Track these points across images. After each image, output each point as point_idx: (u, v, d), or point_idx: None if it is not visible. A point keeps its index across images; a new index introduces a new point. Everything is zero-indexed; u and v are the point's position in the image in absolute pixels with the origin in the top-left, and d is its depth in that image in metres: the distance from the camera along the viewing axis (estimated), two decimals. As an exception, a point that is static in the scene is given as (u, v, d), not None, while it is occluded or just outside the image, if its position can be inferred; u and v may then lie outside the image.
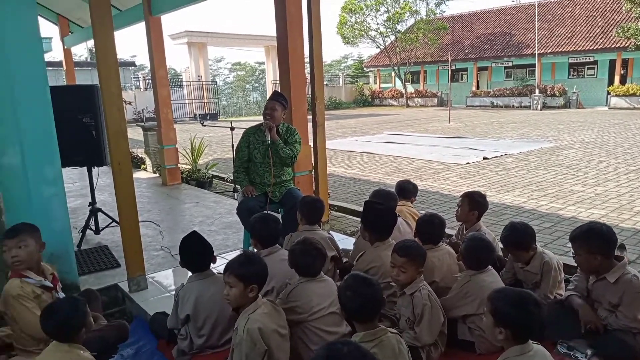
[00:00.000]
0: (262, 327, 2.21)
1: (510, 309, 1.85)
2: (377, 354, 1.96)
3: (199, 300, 2.66)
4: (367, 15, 30.58)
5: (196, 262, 2.76)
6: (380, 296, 2.11)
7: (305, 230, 3.26)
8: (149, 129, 8.68)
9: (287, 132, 4.11)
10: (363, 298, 2.04)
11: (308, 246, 2.59)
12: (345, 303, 2.11)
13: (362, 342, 2.00)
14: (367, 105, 34.41)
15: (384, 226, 2.96)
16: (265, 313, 2.30)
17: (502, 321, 1.86)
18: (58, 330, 2.11)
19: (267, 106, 4.03)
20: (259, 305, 2.32)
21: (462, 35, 32.30)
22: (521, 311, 1.83)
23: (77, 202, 6.43)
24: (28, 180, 3.21)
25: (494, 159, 9.95)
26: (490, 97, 28.17)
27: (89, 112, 4.54)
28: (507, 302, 1.87)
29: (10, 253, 2.57)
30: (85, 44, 11.74)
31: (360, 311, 2.07)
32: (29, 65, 3.15)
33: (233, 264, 2.34)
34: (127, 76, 28.48)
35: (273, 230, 2.98)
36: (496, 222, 5.41)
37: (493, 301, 1.92)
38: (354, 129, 18.13)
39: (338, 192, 7.47)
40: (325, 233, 3.42)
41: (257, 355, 2.19)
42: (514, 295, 1.91)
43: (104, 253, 4.40)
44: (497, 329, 1.88)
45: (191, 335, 2.70)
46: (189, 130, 12.63)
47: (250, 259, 2.37)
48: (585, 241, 2.52)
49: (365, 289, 2.06)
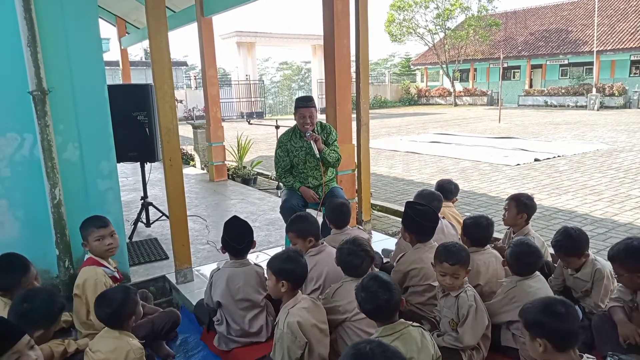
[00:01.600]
0: (301, 321, 2.27)
1: (540, 316, 1.82)
2: (398, 347, 1.96)
3: (228, 287, 2.76)
4: (415, 12, 30.12)
5: (234, 245, 2.85)
6: (398, 299, 2.09)
7: (336, 234, 3.27)
8: (198, 126, 8.96)
9: (324, 132, 4.05)
10: (379, 301, 2.05)
11: (357, 247, 2.58)
12: (360, 302, 2.13)
13: (380, 336, 2.02)
14: (413, 104, 33.89)
15: (425, 227, 2.91)
16: (304, 308, 2.35)
17: (536, 332, 1.83)
18: (110, 317, 2.23)
19: (303, 114, 3.88)
20: (299, 300, 2.38)
21: (515, 31, 31.19)
22: (551, 316, 1.80)
23: (130, 195, 6.73)
24: (85, 175, 3.40)
25: (546, 160, 9.56)
26: (543, 96, 27.06)
27: (143, 110, 4.74)
28: (536, 311, 1.85)
29: (106, 240, 2.81)
30: (141, 44, 12.23)
31: (376, 312, 2.09)
32: (89, 65, 3.33)
33: (274, 256, 2.49)
34: (179, 75, 29.49)
35: (314, 227, 3.02)
36: (546, 227, 5.21)
37: (524, 314, 1.90)
38: (398, 128, 17.92)
39: (380, 192, 7.43)
40: (356, 232, 3.40)
41: (298, 347, 2.25)
42: (541, 302, 1.89)
43: (153, 245, 4.59)
44: (535, 342, 1.84)
45: (226, 318, 2.80)
46: (235, 128, 12.92)
47: (289, 257, 2.43)
48: (624, 261, 2.41)
49: (383, 293, 2.05)
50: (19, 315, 2.18)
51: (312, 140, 3.86)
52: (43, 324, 2.24)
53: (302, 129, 3.94)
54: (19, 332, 1.81)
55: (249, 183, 7.81)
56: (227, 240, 2.88)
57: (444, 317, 2.56)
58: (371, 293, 2.07)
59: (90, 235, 2.81)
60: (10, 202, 3.21)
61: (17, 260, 2.60)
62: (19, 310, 2.19)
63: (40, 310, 2.21)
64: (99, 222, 2.86)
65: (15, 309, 2.21)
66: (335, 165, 4.01)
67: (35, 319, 2.19)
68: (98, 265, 2.81)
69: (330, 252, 2.90)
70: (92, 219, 2.90)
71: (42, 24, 3.07)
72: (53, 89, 3.13)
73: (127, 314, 2.26)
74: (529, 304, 1.94)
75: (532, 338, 1.85)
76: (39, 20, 3.05)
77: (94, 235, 2.81)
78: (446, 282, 2.49)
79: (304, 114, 3.89)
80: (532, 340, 1.85)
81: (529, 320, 1.86)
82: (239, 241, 2.85)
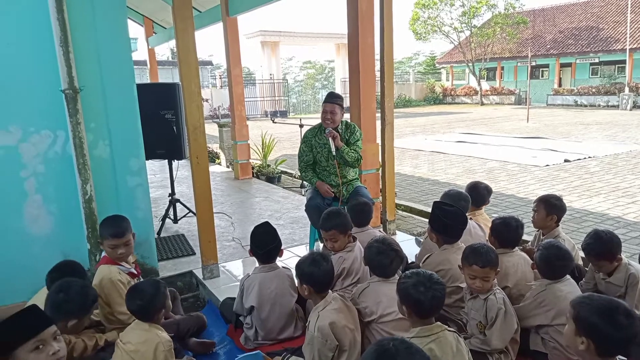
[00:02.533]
0: (334, 322, 2.25)
1: (596, 318, 1.67)
2: (434, 350, 1.94)
3: (262, 292, 2.77)
4: (441, 10, 29.74)
5: (264, 252, 2.86)
6: (443, 299, 2.07)
7: (357, 232, 3.25)
8: (223, 125, 9.06)
9: (347, 131, 4.05)
10: (431, 294, 2.00)
11: (386, 246, 2.56)
12: (403, 296, 2.06)
13: (417, 337, 1.99)
14: (438, 103, 33.49)
15: (453, 229, 2.86)
16: (335, 309, 2.34)
17: (585, 330, 1.69)
18: (141, 309, 2.28)
19: (325, 109, 3.92)
20: (329, 301, 2.37)
21: (544, 29, 30.48)
22: (609, 322, 1.64)
23: (158, 192, 6.85)
24: (115, 171, 3.48)
25: (576, 161, 9.31)
26: (573, 95, 26.36)
27: (170, 108, 4.82)
28: (593, 310, 1.69)
29: (118, 249, 2.82)
30: (168, 43, 12.45)
31: (418, 308, 2.03)
32: (119, 64, 3.40)
33: (300, 259, 2.49)
34: (205, 75, 29.86)
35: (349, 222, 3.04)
36: (577, 229, 5.07)
37: (577, 307, 1.74)
38: (423, 127, 17.74)
39: (405, 192, 7.36)
40: (377, 232, 3.39)
41: (329, 350, 2.23)
42: (602, 302, 1.71)
43: (181, 241, 4.66)
44: (579, 338, 1.71)
45: (256, 325, 2.81)
46: (260, 127, 13.03)
47: (313, 260, 2.42)
48: None
49: (433, 284, 2.03)
50: (54, 304, 2.25)
51: (330, 137, 3.87)
52: (77, 314, 2.31)
53: (324, 124, 3.97)
54: (47, 321, 1.86)
55: (273, 181, 7.86)
56: (255, 248, 2.88)
57: (471, 320, 2.52)
58: (425, 286, 2.01)
59: (106, 240, 2.84)
60: (44, 197, 3.31)
61: (77, 269, 2.69)
62: (55, 300, 2.26)
63: (75, 300, 2.28)
64: (115, 230, 2.83)
65: (52, 298, 2.28)
66: (354, 165, 3.99)
67: (69, 309, 2.26)
68: (112, 263, 2.85)
69: (360, 248, 2.92)
70: (110, 223, 2.88)
71: (74, 25, 3.16)
72: (84, 88, 3.21)
73: (157, 307, 2.31)
74: (585, 298, 1.77)
75: (577, 333, 1.71)
76: (71, 21, 3.13)
77: (108, 242, 2.83)
78: (476, 285, 2.44)
79: (326, 109, 3.94)
80: (575, 334, 1.72)
81: (582, 317, 1.70)
82: (267, 246, 2.86)
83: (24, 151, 3.21)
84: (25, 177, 3.24)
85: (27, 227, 3.29)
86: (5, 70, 3.10)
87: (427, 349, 1.94)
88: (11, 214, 3.24)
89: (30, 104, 3.19)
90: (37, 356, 1.78)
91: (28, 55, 3.15)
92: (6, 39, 3.08)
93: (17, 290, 3.13)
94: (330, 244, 3.03)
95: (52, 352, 1.81)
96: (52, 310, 2.23)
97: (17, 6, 3.09)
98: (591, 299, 1.75)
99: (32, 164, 3.25)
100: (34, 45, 3.14)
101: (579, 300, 1.77)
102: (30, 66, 3.17)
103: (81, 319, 2.35)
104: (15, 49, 3.11)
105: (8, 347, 1.75)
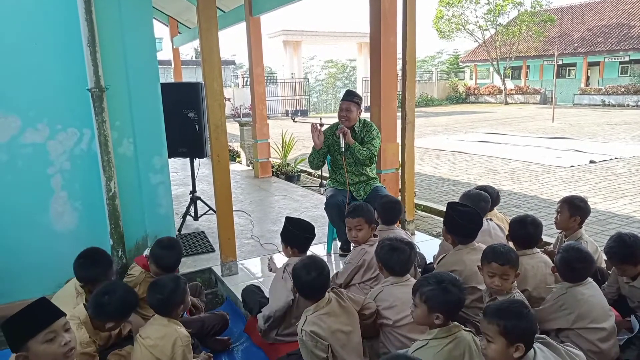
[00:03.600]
0: (315, 330, 2.23)
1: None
2: (452, 350, 1.93)
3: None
4: (465, 8, 29.30)
5: (306, 237, 2.86)
6: (464, 300, 2.07)
7: (383, 230, 3.24)
8: (244, 124, 9.14)
9: (364, 129, 4.04)
10: (449, 297, 2.00)
11: (398, 242, 2.55)
12: (428, 296, 2.03)
13: (436, 338, 1.98)
14: (460, 102, 33.06)
15: (467, 229, 2.83)
16: (325, 314, 2.29)
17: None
18: (160, 303, 2.33)
19: (341, 107, 3.95)
20: (321, 306, 2.32)
21: (572, 27, 29.76)
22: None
23: (179, 190, 6.97)
24: (139, 169, 3.56)
25: (602, 162, 9.09)
26: (601, 94, 25.69)
27: (193, 107, 4.89)
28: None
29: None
30: (192, 43, 12.62)
31: (442, 309, 2.01)
32: (144, 64, 3.48)
33: (297, 262, 2.48)
34: (227, 74, 30.15)
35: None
36: (601, 232, 4.96)
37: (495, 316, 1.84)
38: (445, 126, 17.55)
39: (425, 192, 7.31)
40: (403, 233, 3.38)
41: (321, 350, 2.23)
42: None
43: (201, 238, 4.73)
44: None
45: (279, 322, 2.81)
46: (280, 125, 13.10)
47: (305, 265, 2.37)
48: None
49: (454, 290, 2.02)
50: (98, 305, 2.30)
51: (340, 133, 3.88)
52: (116, 318, 2.35)
53: (339, 121, 4.00)
54: (57, 313, 1.92)
55: (293, 180, 7.90)
56: (294, 232, 2.83)
57: (489, 322, 2.50)
58: (443, 287, 2.01)
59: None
60: (70, 193, 3.41)
61: (103, 255, 2.76)
62: (99, 302, 2.30)
63: (117, 304, 2.31)
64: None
65: (96, 299, 2.31)
66: (365, 163, 3.96)
67: (111, 312, 2.30)
68: (146, 269, 3.00)
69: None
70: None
71: (101, 25, 3.24)
72: (110, 87, 3.29)
73: (176, 302, 2.36)
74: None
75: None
76: (99, 22, 3.21)
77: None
78: (495, 284, 2.41)
79: (342, 106, 3.98)
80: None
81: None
82: (307, 231, 2.85)
83: (51, 148, 3.32)
84: (52, 174, 3.35)
85: (52, 222, 3.40)
86: (33, 69, 3.21)
87: (446, 350, 1.94)
88: (38, 210, 3.35)
89: (58, 103, 3.29)
90: (49, 347, 1.83)
91: (56, 55, 3.25)
92: (34, 38, 3.18)
93: (42, 283, 3.23)
94: (354, 233, 3.04)
95: (64, 342, 1.87)
96: (95, 310, 2.30)
97: (45, 6, 3.18)
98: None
99: (59, 161, 3.35)
100: (62, 44, 3.24)
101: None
102: (58, 65, 3.26)
103: (119, 322, 2.40)
104: (43, 49, 3.21)
105: (21, 340, 1.81)
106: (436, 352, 1.94)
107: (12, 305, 3.21)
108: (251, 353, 2.94)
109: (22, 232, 3.31)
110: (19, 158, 3.24)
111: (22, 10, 3.14)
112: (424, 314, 2.04)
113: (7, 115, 3.17)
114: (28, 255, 3.33)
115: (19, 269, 3.31)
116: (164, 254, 2.88)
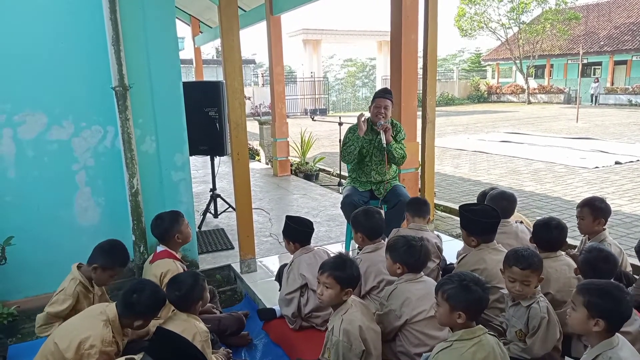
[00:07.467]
0: (361, 325, 2.24)
1: (607, 300, 1.86)
2: (475, 353, 1.90)
3: (312, 269, 2.82)
4: (488, 5, 28.86)
5: (305, 230, 3.03)
6: (487, 297, 2.04)
7: (414, 228, 3.21)
8: (264, 122, 9.19)
9: (393, 129, 4.00)
10: (472, 296, 1.96)
11: (409, 239, 2.53)
12: (449, 293, 2.00)
13: (460, 340, 1.95)
14: (482, 102, 32.59)
15: (485, 225, 2.77)
16: (358, 311, 2.32)
17: (597, 312, 1.86)
18: (180, 299, 2.37)
19: (378, 104, 3.88)
20: (350, 305, 2.33)
21: (598, 25, 29.06)
22: (617, 301, 1.85)
23: (199, 187, 7.04)
24: (161, 166, 3.61)
25: (628, 164, 8.86)
26: (627, 94, 25.03)
27: (214, 106, 4.94)
28: (602, 293, 1.88)
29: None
30: (213, 42, 12.74)
31: (464, 308, 1.97)
32: (167, 63, 3.53)
33: (330, 265, 2.36)
34: (247, 73, 30.32)
35: (377, 224, 2.94)
36: (626, 235, 4.84)
37: (585, 293, 1.91)
38: (466, 126, 17.34)
39: (445, 192, 7.24)
40: (433, 234, 3.35)
41: (354, 355, 2.21)
42: (605, 285, 1.92)
43: (220, 235, 4.78)
44: (591, 320, 1.87)
45: (308, 297, 2.90)
46: (299, 124, 13.10)
47: (346, 262, 2.38)
48: None
49: (477, 289, 1.99)
50: (126, 303, 2.31)
51: (382, 130, 3.82)
52: (144, 316, 2.37)
53: (375, 118, 3.90)
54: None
55: (311, 179, 7.91)
56: (296, 228, 3.01)
57: (511, 327, 2.45)
58: (464, 285, 1.98)
59: (182, 225, 3.10)
60: (93, 189, 3.48)
61: (124, 249, 2.84)
62: (128, 300, 2.31)
63: (146, 303, 2.31)
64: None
65: (125, 297, 2.32)
66: (399, 162, 3.96)
67: (139, 310, 2.31)
68: (175, 258, 3.01)
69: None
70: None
71: (125, 25, 3.29)
72: (133, 85, 3.34)
73: (195, 298, 2.39)
74: (589, 284, 1.97)
75: (589, 316, 1.87)
76: (123, 21, 3.27)
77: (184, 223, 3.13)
78: (516, 289, 2.36)
79: (380, 104, 3.90)
80: (588, 318, 1.88)
81: (594, 302, 1.88)
82: (307, 226, 3.03)
83: (76, 145, 3.39)
84: (76, 170, 3.42)
85: (76, 217, 3.47)
86: (58, 67, 3.28)
87: (470, 352, 1.91)
88: (63, 205, 3.43)
89: (82, 100, 3.36)
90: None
91: (81, 54, 3.31)
92: (61, 37, 3.25)
93: (64, 277, 3.28)
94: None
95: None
96: (123, 307, 2.31)
97: (71, 7, 3.25)
98: (595, 284, 1.95)
99: (83, 157, 3.42)
100: (87, 44, 3.31)
101: (584, 287, 1.95)
102: (83, 64, 3.33)
103: (147, 320, 2.42)
104: (69, 47, 3.28)
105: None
106: (461, 354, 1.91)
107: (35, 298, 3.30)
108: (269, 349, 2.95)
109: (46, 226, 3.39)
110: (45, 154, 3.32)
111: (49, 11, 3.21)
112: (446, 312, 2.01)
113: (34, 112, 3.25)
114: (52, 249, 3.41)
115: (42, 262, 3.39)
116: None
